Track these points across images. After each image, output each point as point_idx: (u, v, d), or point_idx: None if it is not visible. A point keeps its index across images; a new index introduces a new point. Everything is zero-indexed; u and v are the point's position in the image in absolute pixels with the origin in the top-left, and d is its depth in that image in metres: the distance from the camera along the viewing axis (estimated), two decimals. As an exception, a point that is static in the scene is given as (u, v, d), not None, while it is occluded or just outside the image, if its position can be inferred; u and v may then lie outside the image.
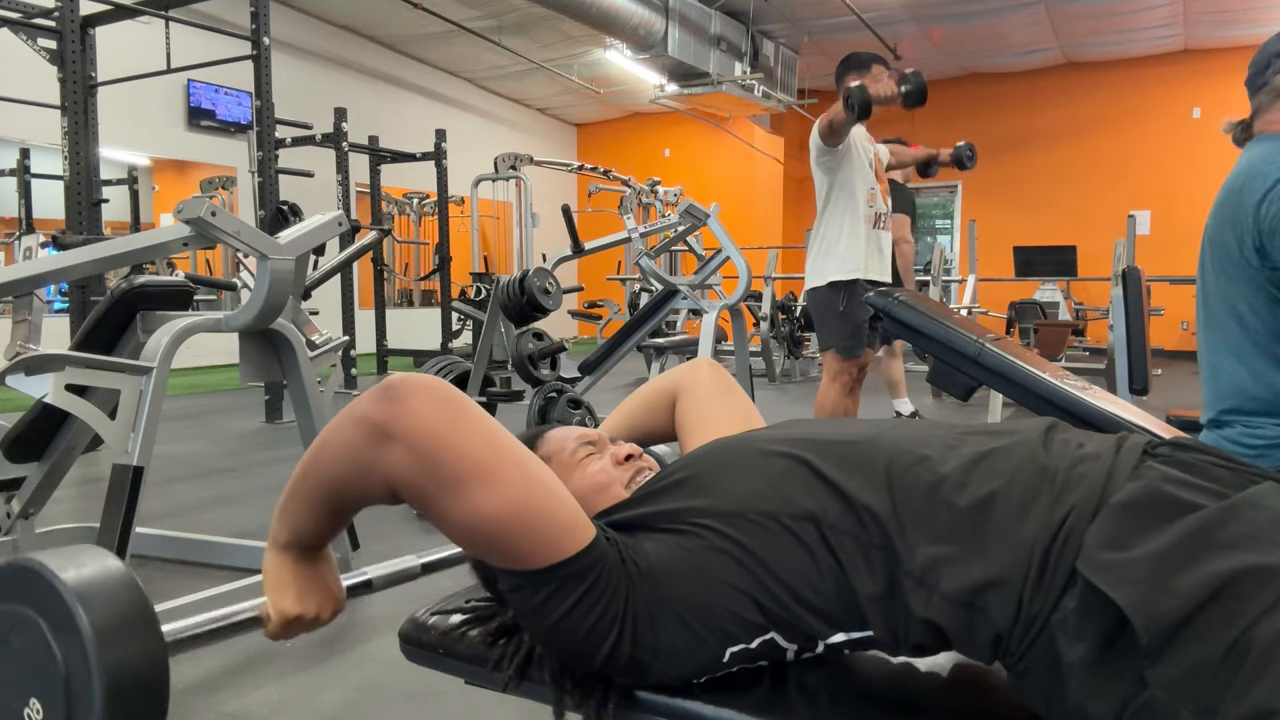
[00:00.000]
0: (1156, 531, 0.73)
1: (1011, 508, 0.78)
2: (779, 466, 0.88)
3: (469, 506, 0.79)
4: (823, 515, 0.83)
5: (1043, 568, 0.75)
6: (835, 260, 3.25)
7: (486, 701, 1.73)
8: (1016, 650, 0.76)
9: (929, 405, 6.18)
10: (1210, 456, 0.80)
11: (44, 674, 0.74)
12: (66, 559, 0.77)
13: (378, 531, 2.97)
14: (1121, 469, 0.79)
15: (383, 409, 0.79)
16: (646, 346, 5.84)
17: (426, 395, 0.80)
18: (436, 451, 0.78)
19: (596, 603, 0.81)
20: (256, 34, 5.04)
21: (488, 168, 7.54)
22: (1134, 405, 1.31)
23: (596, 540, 0.82)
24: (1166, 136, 10.48)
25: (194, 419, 5.61)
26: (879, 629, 0.82)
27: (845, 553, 0.82)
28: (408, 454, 0.78)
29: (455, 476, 0.78)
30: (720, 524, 0.85)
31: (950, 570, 0.78)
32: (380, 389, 0.81)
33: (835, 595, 0.82)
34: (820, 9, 8.95)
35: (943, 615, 0.78)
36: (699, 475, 0.92)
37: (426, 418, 0.78)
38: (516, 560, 0.81)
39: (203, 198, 2.08)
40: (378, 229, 5.96)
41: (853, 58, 3.36)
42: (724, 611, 0.83)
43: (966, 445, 0.86)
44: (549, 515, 0.80)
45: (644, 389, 1.32)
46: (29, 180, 7.44)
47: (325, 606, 0.93)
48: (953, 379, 1.37)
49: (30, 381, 1.97)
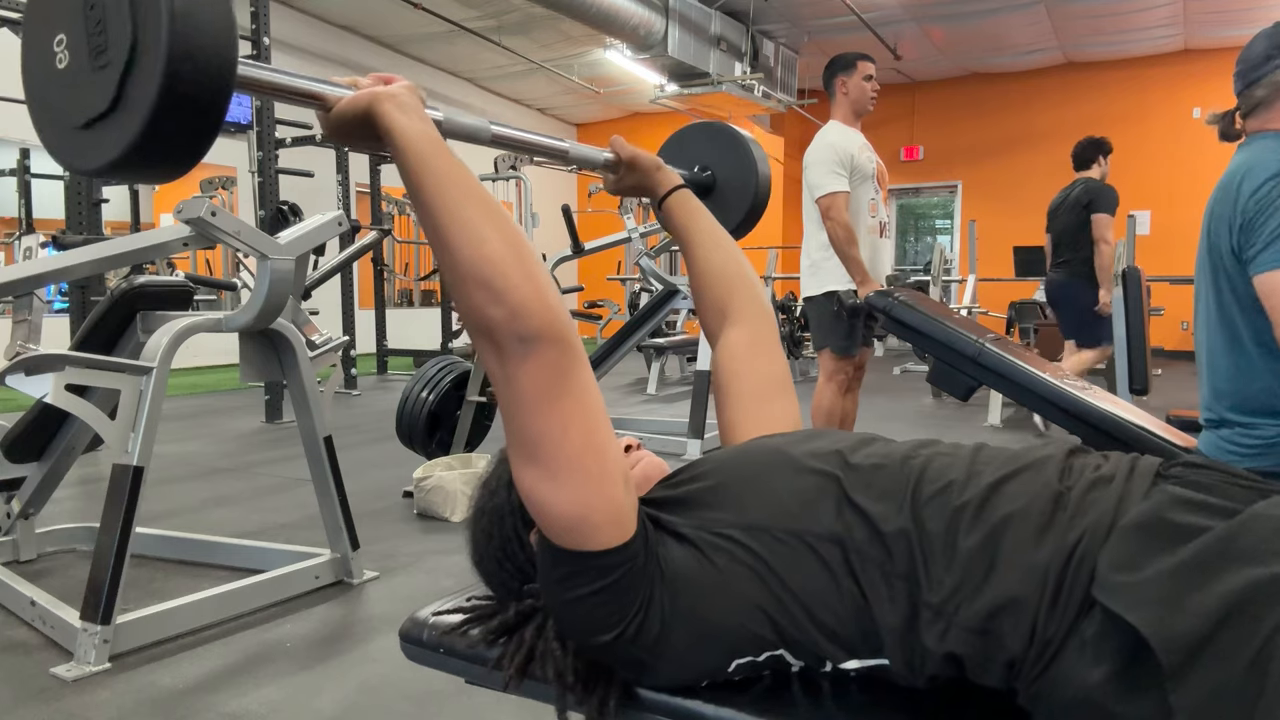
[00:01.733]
0: (1167, 552, 0.72)
1: (1027, 532, 0.78)
2: (810, 484, 0.87)
3: (539, 491, 0.80)
4: (849, 539, 0.83)
5: (1057, 590, 0.75)
6: (835, 268, 3.24)
7: (486, 701, 1.73)
8: (1030, 674, 0.76)
9: (929, 405, 6.19)
10: (1223, 473, 0.80)
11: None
12: None
13: (379, 531, 2.98)
14: (1135, 491, 0.79)
15: (511, 328, 0.76)
16: (646, 346, 5.84)
17: (553, 349, 0.78)
18: (533, 417, 0.78)
19: (614, 597, 0.81)
20: (256, 34, 5.04)
21: (488, 168, 7.54)
22: (1134, 405, 1.31)
23: (633, 540, 0.82)
24: (1166, 136, 10.47)
25: (194, 419, 5.61)
26: (896, 660, 0.82)
27: (869, 580, 0.81)
28: (529, 364, 0.77)
29: (538, 455, 0.79)
30: (744, 537, 0.85)
31: (967, 599, 0.78)
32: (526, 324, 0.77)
33: (853, 622, 0.82)
34: (820, 9, 8.95)
35: (960, 645, 0.78)
36: (728, 484, 0.91)
37: (540, 379, 0.77)
38: (554, 535, 0.82)
39: (203, 198, 2.08)
40: (378, 229, 5.97)
41: (838, 60, 3.36)
42: (738, 626, 0.83)
43: (988, 471, 0.85)
44: (604, 513, 0.80)
45: (727, 264, 1.20)
46: (29, 180, 7.43)
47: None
48: (953, 379, 1.37)
49: (30, 381, 1.98)
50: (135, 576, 2.47)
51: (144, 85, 0.70)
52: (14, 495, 2.61)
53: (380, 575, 2.55)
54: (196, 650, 2.05)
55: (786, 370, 1.17)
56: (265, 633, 2.16)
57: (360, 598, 2.41)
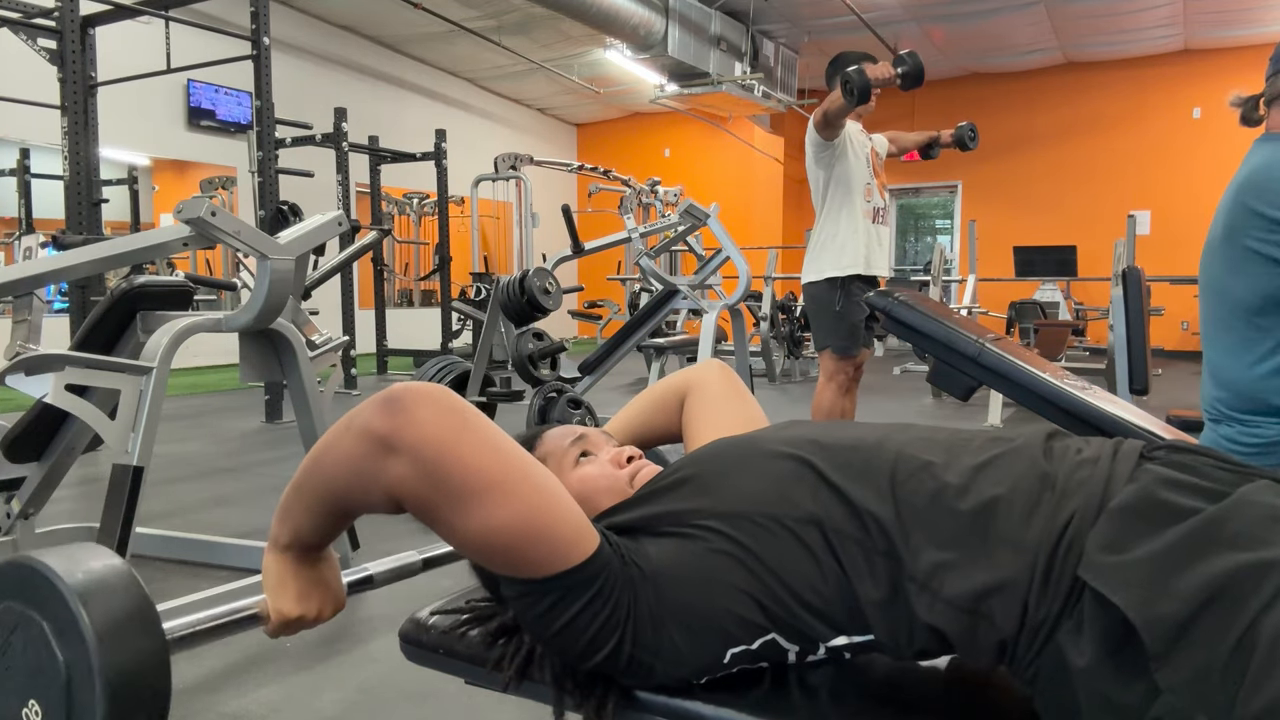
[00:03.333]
0: (1154, 534, 0.73)
1: (1015, 514, 0.78)
2: (784, 468, 0.88)
3: (477, 520, 0.78)
4: (827, 519, 0.83)
5: (1047, 573, 0.75)
6: (832, 255, 3.25)
7: (486, 701, 1.73)
8: (1025, 657, 0.76)
9: (929, 405, 6.18)
10: (1207, 457, 0.81)
11: (44, 674, 0.73)
12: (67, 557, 0.76)
13: (379, 531, 2.97)
14: (1120, 473, 0.79)
15: (386, 420, 0.77)
16: (646, 346, 5.84)
17: (431, 406, 0.78)
18: (442, 464, 0.77)
19: (600, 610, 0.81)
20: (256, 34, 5.04)
21: (488, 168, 7.54)
22: (1134, 405, 1.31)
23: (601, 548, 0.82)
24: (1166, 136, 10.48)
25: (194, 419, 5.61)
26: (881, 634, 0.82)
27: (849, 557, 0.82)
28: (413, 467, 0.77)
29: (462, 490, 0.77)
30: (723, 525, 0.85)
31: (954, 576, 0.78)
32: (382, 399, 0.79)
33: (838, 599, 0.82)
34: (820, 9, 8.95)
35: (946, 621, 0.78)
36: (702, 475, 0.91)
37: (432, 429, 0.77)
38: (521, 569, 0.81)
39: (203, 198, 2.08)
40: (378, 229, 5.96)
41: (841, 58, 3.36)
42: (726, 613, 0.83)
43: (969, 452, 0.86)
44: (556, 526, 0.80)
45: (653, 388, 1.31)
46: (29, 180, 7.43)
47: (325, 606, 0.92)
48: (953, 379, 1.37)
49: (30, 381, 1.97)
50: (135, 576, 2.47)
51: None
52: (14, 495, 2.61)
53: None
54: (196, 650, 2.05)
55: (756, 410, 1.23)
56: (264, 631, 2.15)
57: (360, 598, 2.39)
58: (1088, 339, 9.38)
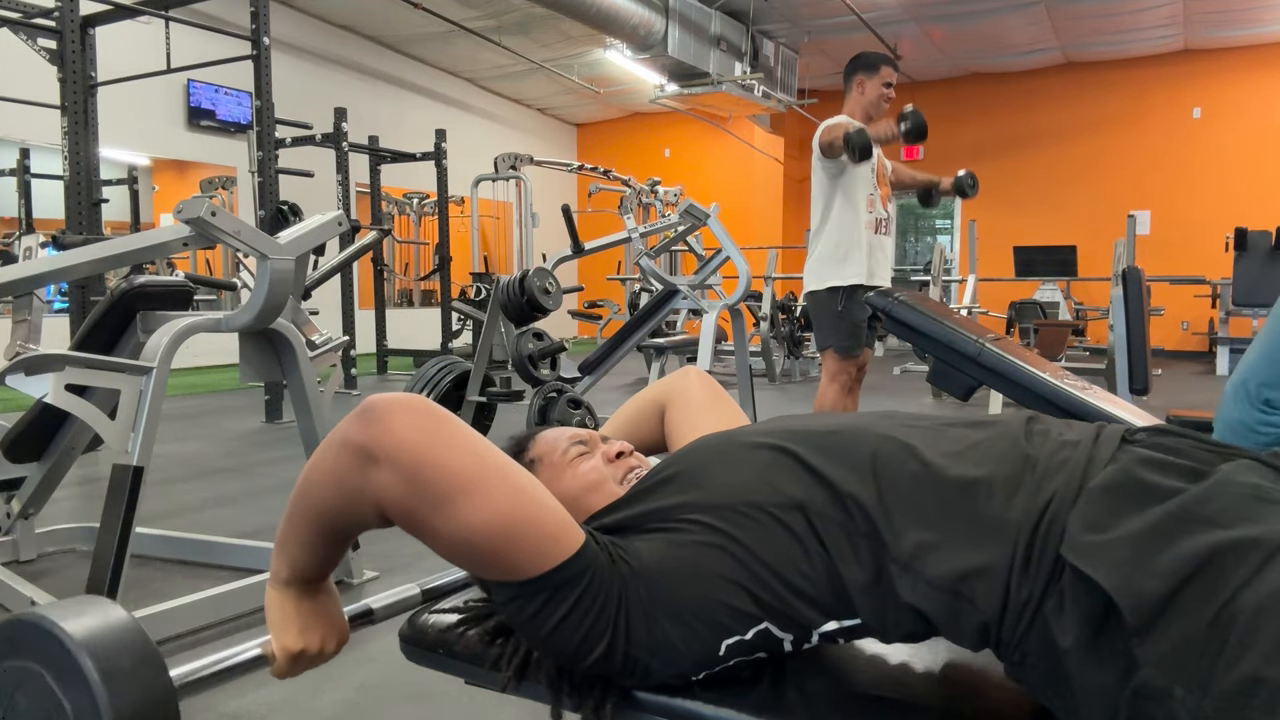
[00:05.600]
0: (1135, 513, 0.74)
1: (995, 496, 0.79)
2: (764, 458, 0.89)
3: (457, 521, 0.79)
4: (810, 503, 0.84)
5: (1028, 554, 0.75)
6: (835, 265, 3.25)
7: (486, 701, 1.73)
8: (1010, 639, 0.76)
9: (929, 405, 6.18)
10: (1188, 439, 0.82)
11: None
12: (69, 611, 0.76)
13: (377, 532, 2.97)
14: (1101, 455, 0.80)
15: (363, 431, 0.79)
16: (646, 346, 5.84)
17: (406, 413, 0.80)
18: (420, 469, 0.78)
19: (591, 607, 0.81)
20: (256, 34, 5.04)
21: (488, 168, 7.54)
22: (1134, 405, 1.31)
23: (586, 545, 0.82)
24: (1166, 136, 10.47)
25: (194, 419, 5.61)
26: (868, 616, 0.83)
27: (832, 540, 0.82)
28: (392, 474, 0.78)
29: (442, 492, 0.78)
30: (709, 517, 0.86)
31: (935, 556, 0.78)
32: (359, 411, 0.81)
33: (825, 582, 0.83)
34: (820, 9, 8.95)
35: (928, 602, 0.79)
36: (686, 471, 0.93)
37: (409, 435, 0.79)
38: (508, 572, 0.81)
39: (203, 198, 2.08)
40: (378, 229, 5.96)
41: (862, 58, 3.37)
42: (718, 604, 0.83)
43: (950, 435, 0.87)
44: (537, 524, 0.81)
45: (633, 400, 1.33)
46: (29, 180, 7.43)
47: (329, 640, 0.93)
48: (953, 379, 1.37)
49: (30, 381, 1.97)
50: (135, 577, 2.47)
51: None
52: (14, 495, 2.61)
53: (380, 575, 2.55)
54: (196, 650, 2.05)
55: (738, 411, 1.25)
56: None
57: (360, 598, 2.41)
58: (1088, 339, 9.38)
